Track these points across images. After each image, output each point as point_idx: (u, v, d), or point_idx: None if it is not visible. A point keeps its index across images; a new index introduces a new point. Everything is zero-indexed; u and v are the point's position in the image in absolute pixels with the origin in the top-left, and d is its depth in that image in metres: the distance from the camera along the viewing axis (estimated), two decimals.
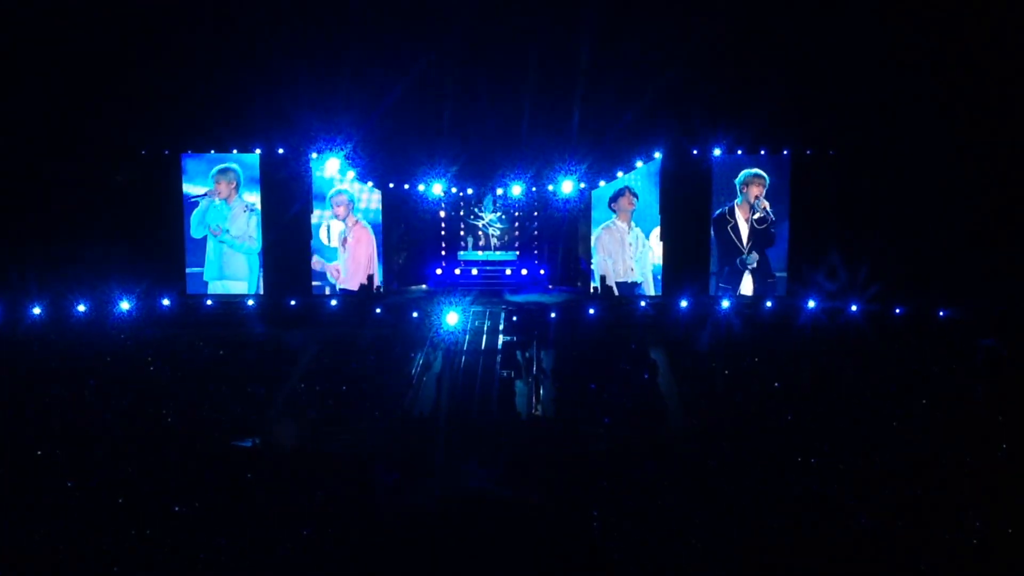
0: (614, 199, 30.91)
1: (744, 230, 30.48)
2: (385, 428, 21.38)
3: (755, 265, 30.45)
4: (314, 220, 30.70)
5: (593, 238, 31.01)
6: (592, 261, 31.09)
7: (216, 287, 30.38)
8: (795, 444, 19.19)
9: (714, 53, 27.25)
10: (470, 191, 33.19)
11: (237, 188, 30.36)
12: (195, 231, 30.35)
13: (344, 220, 30.85)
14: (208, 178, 30.31)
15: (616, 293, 30.50)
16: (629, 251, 30.98)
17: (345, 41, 28.15)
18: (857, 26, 26.98)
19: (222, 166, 30.34)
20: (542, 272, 32.98)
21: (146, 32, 27.60)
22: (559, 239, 33.13)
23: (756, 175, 30.35)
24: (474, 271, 33.11)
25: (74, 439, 19.62)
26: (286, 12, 27.88)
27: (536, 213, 33.46)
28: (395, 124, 29.05)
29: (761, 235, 30.42)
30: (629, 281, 30.85)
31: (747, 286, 30.62)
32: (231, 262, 30.54)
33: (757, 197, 30.21)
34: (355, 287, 30.68)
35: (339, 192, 30.75)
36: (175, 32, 27.67)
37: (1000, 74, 25.94)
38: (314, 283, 30.74)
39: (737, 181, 30.39)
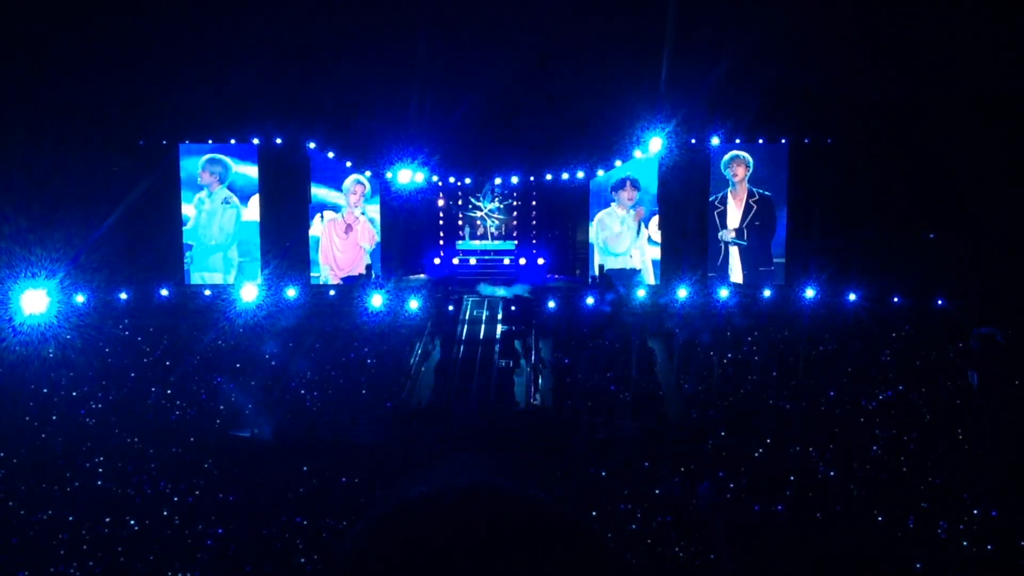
0: (615, 188, 30.84)
1: (734, 216, 30.24)
2: (383, 418, 21.43)
3: (730, 239, 30.09)
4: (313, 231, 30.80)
5: (592, 227, 30.95)
6: (591, 249, 31.03)
7: (196, 279, 30.33)
8: (791, 435, 19.26)
9: (712, 41, 27.17)
10: (468, 181, 33.13)
11: (221, 180, 30.25)
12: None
13: (352, 209, 30.90)
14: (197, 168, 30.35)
15: (612, 281, 30.33)
16: (628, 236, 30.89)
17: (343, 29, 28.06)
18: (854, 14, 26.90)
19: (209, 156, 30.25)
20: (540, 261, 32.92)
21: (143, 22, 27.49)
22: (557, 228, 33.11)
23: (736, 156, 30.21)
24: (472, 261, 33.05)
25: (72, 429, 19.66)
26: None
27: (534, 203, 33.42)
28: (393, 113, 28.98)
29: (757, 213, 30.21)
30: (628, 268, 30.73)
31: (736, 273, 30.39)
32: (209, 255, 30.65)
33: (740, 178, 30.10)
34: (353, 277, 30.71)
35: (357, 182, 30.83)
36: (173, 22, 27.57)
37: (1001, 63, 25.89)
38: (311, 273, 30.77)
39: (723, 164, 30.23)
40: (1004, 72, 25.89)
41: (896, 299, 26.86)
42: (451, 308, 27.50)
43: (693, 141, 30.11)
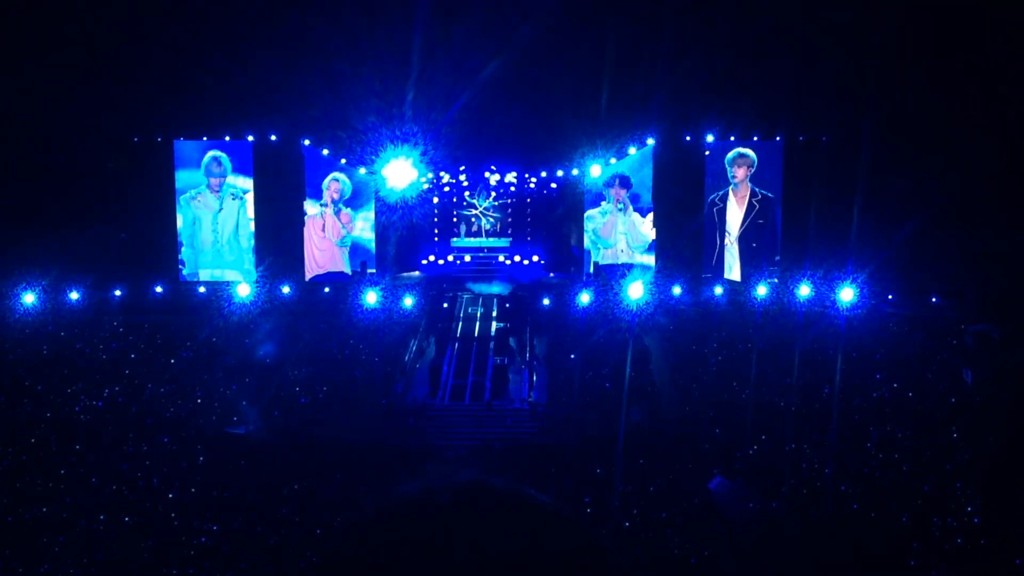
0: (606, 185, 30.85)
1: (735, 215, 30.17)
2: (378, 414, 21.40)
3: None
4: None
5: (588, 225, 30.91)
6: (586, 244, 30.98)
7: (205, 276, 30.12)
8: (785, 432, 19.26)
9: (708, 39, 27.10)
10: (463, 179, 33.08)
11: (223, 177, 30.12)
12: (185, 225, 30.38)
13: (328, 205, 30.81)
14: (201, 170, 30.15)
15: (604, 275, 30.18)
16: (621, 230, 30.85)
17: (339, 27, 27.94)
18: (850, 11, 26.87)
19: (212, 156, 30.03)
20: (535, 258, 32.89)
21: (139, 18, 27.34)
22: (552, 226, 33.08)
23: (740, 155, 30.12)
24: (467, 258, 33.03)
25: (67, 427, 19.59)
26: None
27: (529, 200, 33.40)
28: (389, 112, 28.88)
29: (759, 212, 30.01)
30: (620, 262, 30.63)
31: (735, 271, 30.31)
32: (224, 250, 30.39)
33: (742, 178, 29.94)
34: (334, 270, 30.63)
35: (334, 180, 30.70)
36: (168, 18, 27.43)
37: (997, 59, 25.87)
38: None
39: (727, 161, 30.14)
40: (1003, 69, 25.87)
41: (891, 296, 26.87)
42: (446, 305, 27.47)
43: (688, 139, 30.09)
